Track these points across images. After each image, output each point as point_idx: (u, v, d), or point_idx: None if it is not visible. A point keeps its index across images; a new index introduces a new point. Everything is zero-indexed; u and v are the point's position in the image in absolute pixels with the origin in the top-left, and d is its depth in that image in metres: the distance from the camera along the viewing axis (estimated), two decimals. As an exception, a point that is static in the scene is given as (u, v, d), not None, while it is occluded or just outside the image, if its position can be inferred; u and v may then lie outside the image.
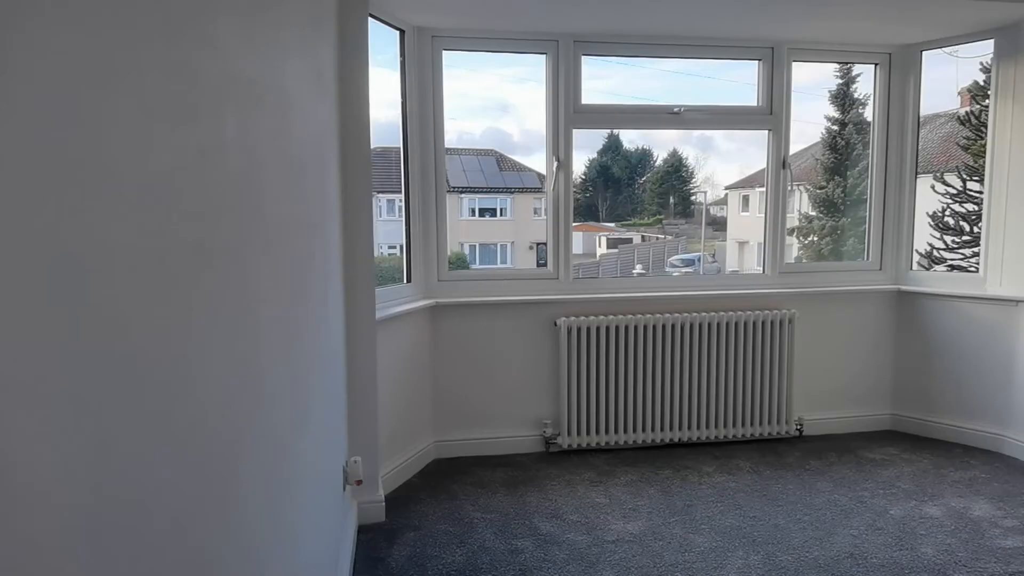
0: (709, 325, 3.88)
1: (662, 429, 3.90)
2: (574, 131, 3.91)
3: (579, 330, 3.78)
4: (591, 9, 3.41)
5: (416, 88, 3.65)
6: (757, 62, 4.08)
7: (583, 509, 3.13)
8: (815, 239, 9.68)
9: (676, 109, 4.02)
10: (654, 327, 3.83)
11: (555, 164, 3.90)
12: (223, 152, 1.07)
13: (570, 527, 2.95)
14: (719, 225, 9.52)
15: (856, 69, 4.61)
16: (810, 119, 4.36)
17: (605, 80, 5.01)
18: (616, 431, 3.86)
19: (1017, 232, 3.69)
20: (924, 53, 4.10)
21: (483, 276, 3.98)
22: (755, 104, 4.10)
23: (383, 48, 3.60)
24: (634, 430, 3.88)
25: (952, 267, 8.62)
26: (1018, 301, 3.67)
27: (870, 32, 3.89)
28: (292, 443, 1.60)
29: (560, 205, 3.94)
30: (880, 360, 4.17)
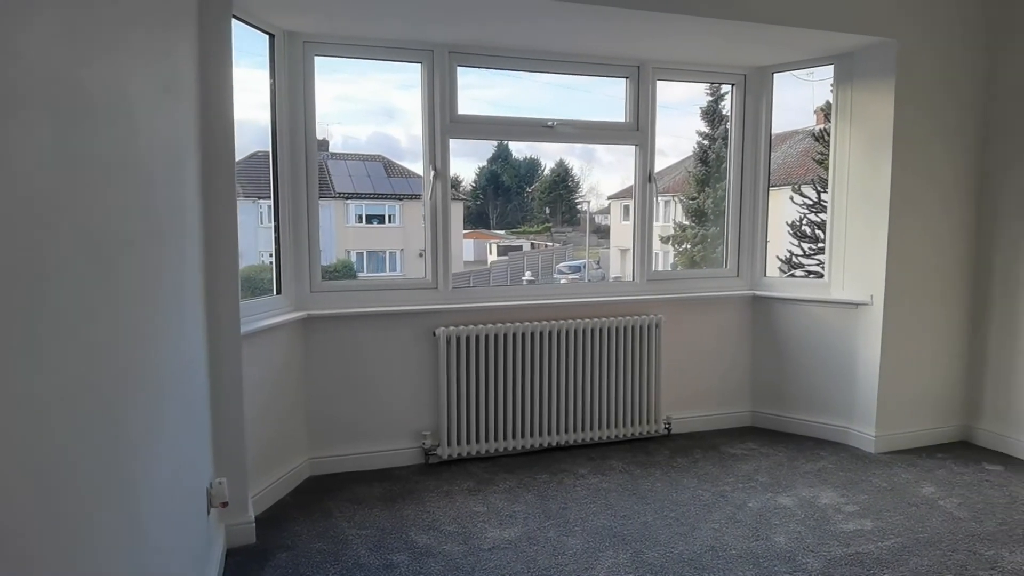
0: (582, 331, 4.00)
1: (540, 434, 3.97)
2: (458, 140, 3.97)
3: (458, 340, 3.79)
4: (462, 22, 3.45)
5: (287, 93, 3.55)
6: (625, 79, 4.26)
7: (460, 519, 3.13)
8: (688, 247, 10.24)
9: (550, 123, 4.12)
10: (531, 335, 3.90)
11: (432, 173, 3.90)
12: (31, 163, 1.00)
13: (447, 538, 2.95)
14: (603, 233, 9.87)
15: (724, 88, 4.93)
16: (683, 134, 4.65)
17: (494, 90, 5.07)
18: (496, 439, 3.90)
19: (856, 241, 4.05)
20: (775, 75, 4.43)
21: (359, 287, 3.91)
22: (623, 120, 4.28)
23: (256, 50, 3.48)
24: (513, 436, 3.93)
25: (809, 272, 9.35)
26: (858, 304, 4.02)
27: (726, 54, 4.15)
28: (133, 465, 1.50)
29: (438, 214, 3.94)
30: (740, 361, 4.45)
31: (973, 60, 3.97)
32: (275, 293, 3.59)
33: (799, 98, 4.19)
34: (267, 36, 3.48)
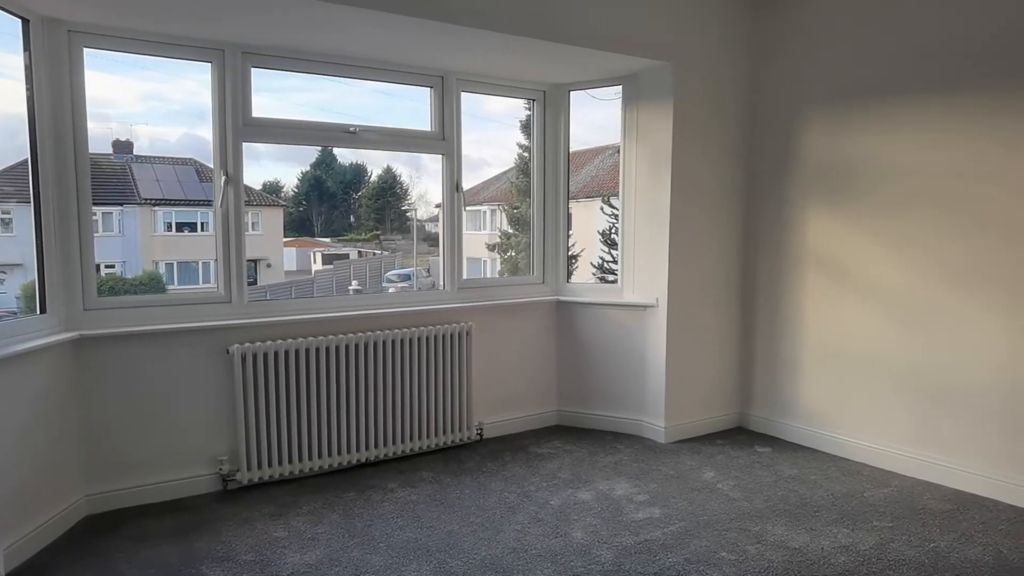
0: (391, 342, 3.95)
1: (349, 451, 3.86)
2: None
3: (255, 356, 3.58)
4: (253, 22, 3.27)
5: (48, 88, 3.16)
6: (429, 89, 4.28)
7: (259, 546, 2.95)
8: (513, 254, 10.57)
9: (352, 128, 4.04)
10: (336, 348, 3.78)
11: (223, 178, 3.66)
12: None
13: (242, 568, 2.76)
14: (433, 240, 9.85)
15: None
16: (506, 145, 4.77)
17: (322, 94, 4.80)
18: (301, 459, 3.73)
19: (644, 249, 4.38)
20: (572, 93, 4.67)
21: (142, 303, 3.55)
22: (429, 129, 4.29)
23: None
24: (320, 456, 3.78)
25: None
26: (646, 306, 4.34)
27: (526, 70, 4.31)
28: None
29: (231, 223, 3.70)
30: (547, 363, 4.63)
31: (738, 81, 4.44)
32: (39, 312, 3.18)
33: (609, 116, 4.51)
34: (20, 20, 3.07)
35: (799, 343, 4.27)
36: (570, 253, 7.09)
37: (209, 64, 3.61)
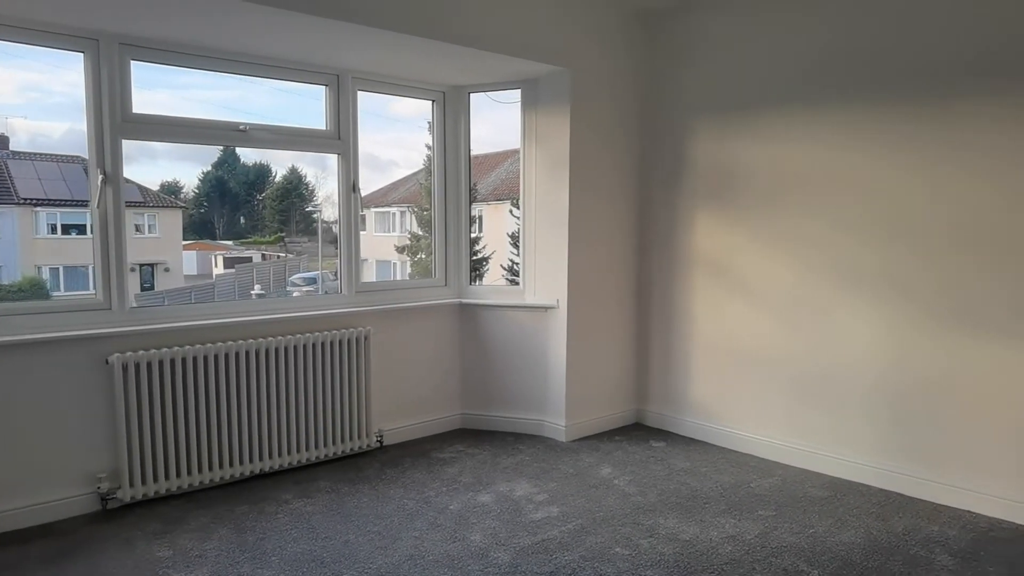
0: (286, 348, 3.82)
1: (243, 462, 3.71)
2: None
3: (139, 366, 3.38)
4: (132, 12, 3.09)
5: None
6: (324, 87, 4.17)
7: (140, 568, 2.79)
8: (423, 257, 10.48)
9: (242, 127, 3.88)
10: (227, 355, 3.63)
11: (100, 178, 3.44)
12: None
13: (119, 594, 2.60)
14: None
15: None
16: (415, 147, 4.71)
17: (225, 91, 4.53)
18: (191, 472, 3.55)
19: (545, 251, 4.43)
20: (472, 95, 4.67)
21: (14, 311, 3.27)
22: (324, 128, 4.19)
23: None
24: (211, 468, 3.61)
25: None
26: (547, 308, 4.40)
27: (424, 71, 4.27)
28: None
29: (110, 225, 3.48)
30: (449, 366, 4.61)
31: (633, 88, 4.57)
32: None
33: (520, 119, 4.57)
34: None
35: (690, 340, 4.44)
36: (481, 255, 7.10)
37: (81, 54, 3.38)
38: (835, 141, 3.71)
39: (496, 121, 4.69)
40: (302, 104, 4.30)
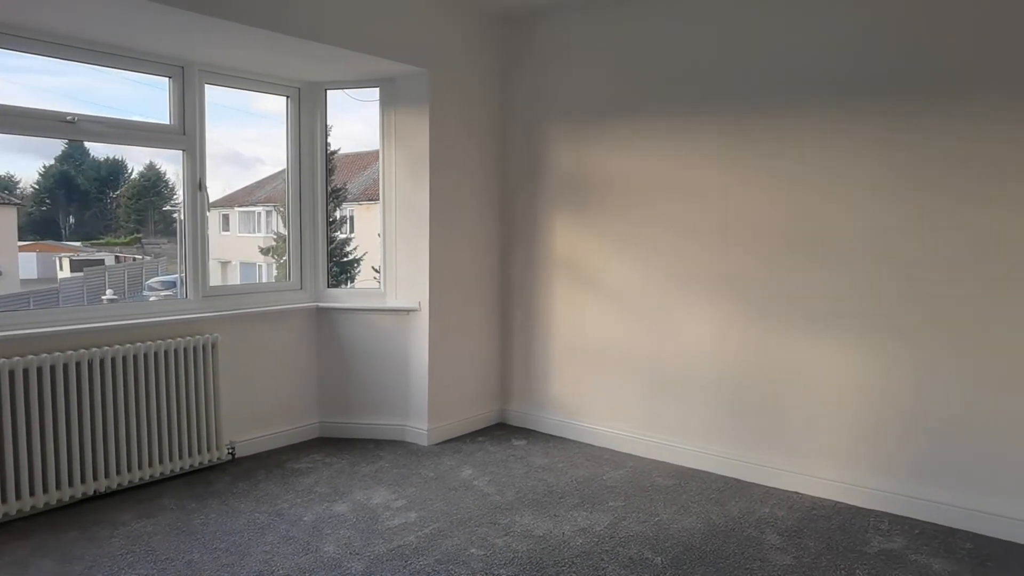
0: (128, 358, 3.55)
1: (73, 484, 3.39)
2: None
3: (-61, 383, 3.01)
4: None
5: None
6: (168, 79, 3.91)
7: (-61, 611, 2.48)
8: (289, 259, 10.07)
9: (70, 118, 3.56)
10: (54, 367, 3.30)
11: None
12: None
13: (-89, 642, 2.30)
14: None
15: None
16: (282, 144, 4.49)
17: (67, 78, 4.09)
18: (7, 500, 3.20)
19: (406, 253, 4.39)
20: (329, 92, 4.54)
21: None
22: (167, 122, 3.92)
23: None
24: (33, 493, 3.27)
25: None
26: (409, 310, 4.36)
27: (276, 66, 4.11)
28: None
29: (-98, 226, 3.07)
30: (306, 373, 4.46)
31: (493, 92, 4.62)
32: None
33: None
34: None
35: (550, 340, 4.55)
36: (352, 257, 6.90)
37: None
38: (679, 151, 3.93)
39: (370, 119, 4.58)
40: (155, 97, 4.01)
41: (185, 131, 3.95)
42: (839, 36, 3.39)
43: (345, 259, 7.08)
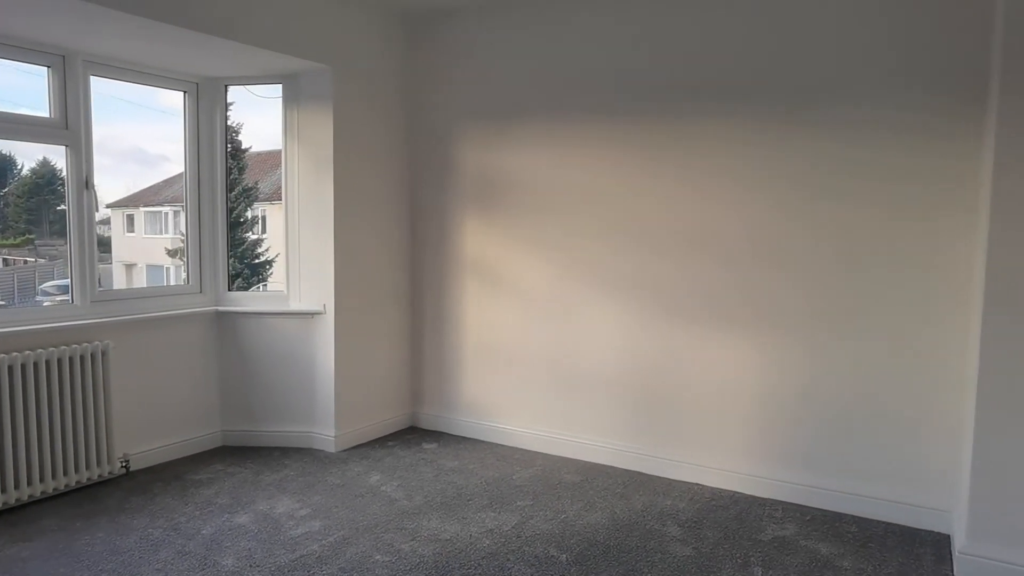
0: (11, 367, 3.30)
1: (-61, 506, 3.13)
2: None
3: None
4: None
5: None
6: (47, 68, 3.66)
7: None
8: (188, 261, 9.63)
9: (-68, 110, 3.28)
10: (-87, 382, 3.04)
11: None
12: None
13: None
14: (106, 245, 8.51)
15: (229, 97, 4.77)
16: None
17: None
18: None
19: (310, 254, 4.27)
20: (229, 87, 4.37)
21: None
22: (48, 116, 3.68)
23: None
24: None
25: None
26: (314, 313, 4.25)
27: (171, 59, 3.92)
28: None
29: None
30: (207, 380, 4.27)
31: (400, 92, 4.57)
32: None
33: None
34: None
35: (461, 341, 4.54)
36: (264, 259, 6.65)
37: None
38: (586, 153, 4.00)
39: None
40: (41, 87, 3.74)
41: (68, 125, 3.72)
42: (732, 46, 3.53)
43: (257, 261, 6.84)
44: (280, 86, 4.32)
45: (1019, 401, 2.63)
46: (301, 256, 4.31)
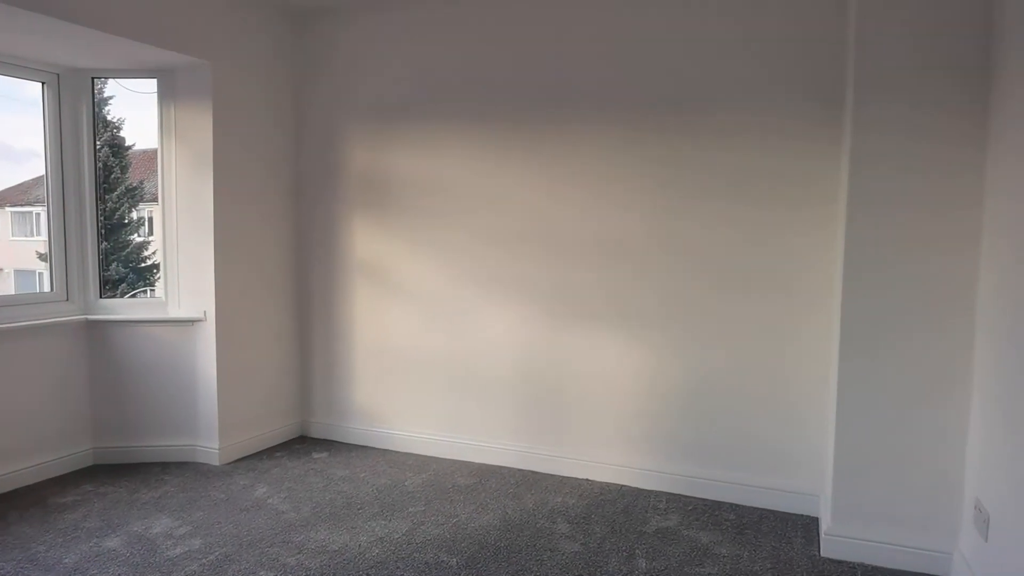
0: None
1: None
2: None
3: None
4: None
5: None
6: None
7: None
8: (52, 267, 8.95)
9: None
10: None
11: None
12: None
13: None
14: None
15: (108, 92, 4.44)
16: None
17: None
18: None
19: (189, 258, 4.06)
20: (97, 80, 4.09)
21: None
22: None
23: None
24: None
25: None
26: (194, 321, 4.04)
27: (25, 47, 3.62)
28: None
29: None
30: (75, 395, 3.98)
31: (286, 90, 4.42)
32: None
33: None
34: None
35: (352, 346, 4.45)
36: (152, 262, 6.25)
37: None
38: (475, 156, 4.01)
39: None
40: None
41: (-96, 119, 3.36)
42: (608, 57, 3.63)
43: (144, 264, 6.47)
44: (155, 80, 4.08)
45: (876, 388, 2.84)
46: (180, 260, 4.09)
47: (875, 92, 2.77)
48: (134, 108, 4.49)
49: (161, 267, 4.16)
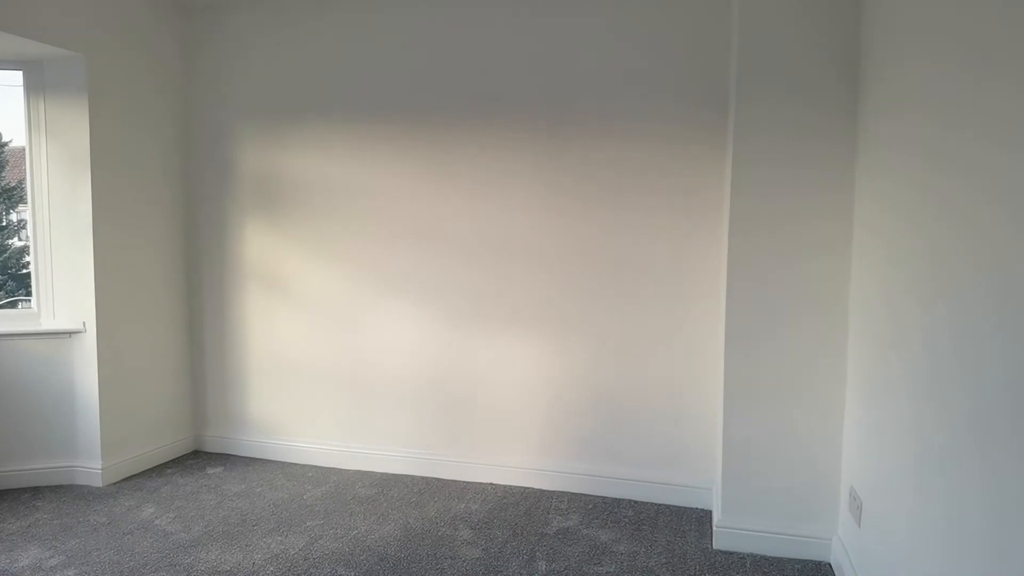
0: None
1: None
2: None
3: None
4: None
5: None
6: None
7: None
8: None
9: None
10: None
11: None
12: None
13: None
14: None
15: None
16: None
17: None
18: None
19: (64, 265, 3.79)
20: (-47, 73, 3.75)
21: None
22: None
23: None
24: None
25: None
26: (72, 333, 3.78)
27: None
28: None
29: None
30: (-68, 417, 3.64)
31: (172, 88, 4.19)
32: None
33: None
34: None
35: (245, 356, 4.27)
36: (30, 269, 5.76)
37: None
38: (371, 157, 3.93)
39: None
40: None
41: None
42: (506, 60, 3.64)
43: (24, 271, 5.99)
44: (20, 73, 3.78)
45: (756, 384, 2.97)
46: (55, 267, 3.81)
47: (754, 93, 2.89)
48: (11, 101, 4.14)
49: (32, 275, 3.86)
